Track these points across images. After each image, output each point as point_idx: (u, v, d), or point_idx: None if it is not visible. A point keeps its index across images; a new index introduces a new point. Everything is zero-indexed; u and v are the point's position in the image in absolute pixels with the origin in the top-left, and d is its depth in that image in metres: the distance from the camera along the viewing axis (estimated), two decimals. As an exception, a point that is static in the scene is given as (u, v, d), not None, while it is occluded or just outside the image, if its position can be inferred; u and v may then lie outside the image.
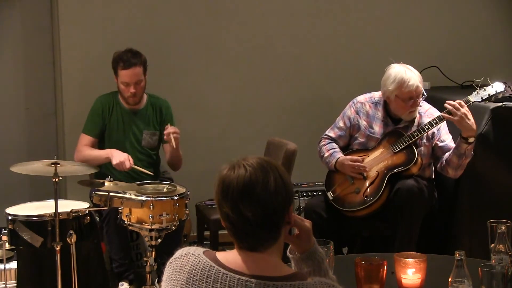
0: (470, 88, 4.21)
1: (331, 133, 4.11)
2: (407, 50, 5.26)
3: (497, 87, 3.85)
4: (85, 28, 4.85)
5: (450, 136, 3.92)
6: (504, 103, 3.90)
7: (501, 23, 5.49)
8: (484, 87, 3.86)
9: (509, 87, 4.13)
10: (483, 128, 3.86)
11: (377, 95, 4.04)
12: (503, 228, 2.42)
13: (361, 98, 4.09)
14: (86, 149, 4.23)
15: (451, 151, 3.81)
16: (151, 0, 4.97)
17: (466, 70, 3.98)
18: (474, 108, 3.98)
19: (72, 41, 4.83)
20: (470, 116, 3.69)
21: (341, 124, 4.09)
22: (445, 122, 3.93)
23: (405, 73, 3.85)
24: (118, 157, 4.07)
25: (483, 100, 3.84)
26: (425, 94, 3.94)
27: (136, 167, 4.09)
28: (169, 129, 4.08)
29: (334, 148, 4.04)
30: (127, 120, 4.29)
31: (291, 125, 5.16)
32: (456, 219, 4.00)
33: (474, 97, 3.83)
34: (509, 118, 3.88)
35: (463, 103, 3.72)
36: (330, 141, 4.08)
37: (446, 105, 3.73)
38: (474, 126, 3.69)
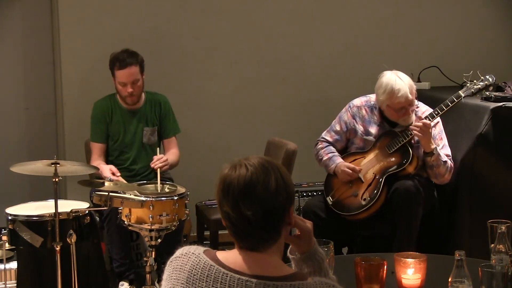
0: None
1: (327, 136, 4.09)
2: (407, 50, 5.27)
3: (487, 80, 3.87)
4: (85, 28, 4.85)
5: (444, 141, 3.91)
6: (504, 103, 3.90)
7: (501, 23, 5.48)
8: (474, 81, 3.88)
9: (509, 87, 4.13)
10: (483, 128, 3.86)
11: (373, 98, 4.00)
12: (503, 228, 2.42)
13: (357, 102, 4.05)
14: (96, 160, 4.24)
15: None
16: (151, 0, 4.97)
17: (466, 70, 3.97)
18: (474, 108, 3.99)
19: (72, 41, 4.83)
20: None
21: (337, 128, 4.07)
22: (441, 125, 3.93)
23: (395, 82, 3.80)
24: (105, 170, 4.05)
25: (474, 94, 3.86)
26: (416, 101, 3.91)
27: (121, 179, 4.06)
28: (154, 161, 4.07)
29: (333, 152, 4.02)
30: (128, 120, 4.30)
31: (291, 125, 5.16)
32: (456, 219, 4.00)
33: (464, 92, 3.84)
34: (509, 118, 3.88)
35: (427, 122, 3.75)
36: (328, 144, 4.07)
37: (412, 127, 3.78)
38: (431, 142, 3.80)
